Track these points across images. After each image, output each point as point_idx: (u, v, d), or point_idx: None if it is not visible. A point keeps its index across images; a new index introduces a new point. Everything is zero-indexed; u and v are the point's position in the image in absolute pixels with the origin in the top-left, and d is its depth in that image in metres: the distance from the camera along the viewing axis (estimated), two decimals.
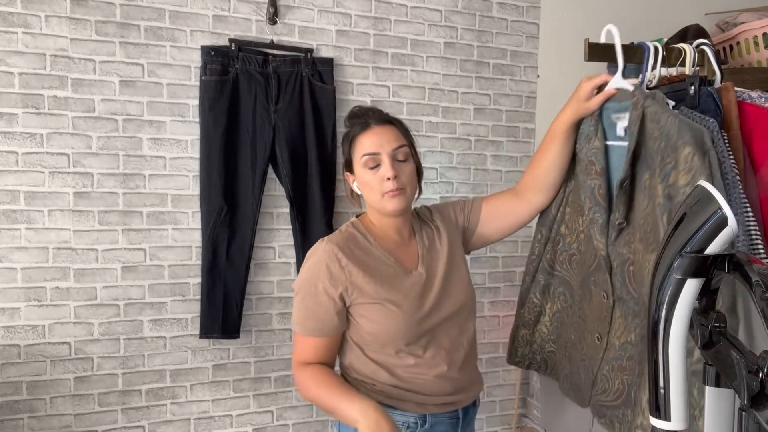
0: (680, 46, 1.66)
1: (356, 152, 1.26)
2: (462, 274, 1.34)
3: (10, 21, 1.71)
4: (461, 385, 1.31)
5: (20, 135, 1.74)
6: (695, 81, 1.55)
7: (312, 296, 1.22)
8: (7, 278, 1.75)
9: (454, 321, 1.29)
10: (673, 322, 0.71)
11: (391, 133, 1.26)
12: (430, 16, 2.14)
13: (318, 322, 1.22)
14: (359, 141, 1.26)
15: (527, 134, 2.30)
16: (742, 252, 0.69)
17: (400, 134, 1.28)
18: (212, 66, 1.85)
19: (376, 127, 1.25)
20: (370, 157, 1.23)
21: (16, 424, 1.77)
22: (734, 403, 0.73)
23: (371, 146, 1.23)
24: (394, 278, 1.24)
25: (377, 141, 1.24)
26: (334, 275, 1.20)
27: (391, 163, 1.23)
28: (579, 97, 1.34)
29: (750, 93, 1.55)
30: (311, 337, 1.24)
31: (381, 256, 1.26)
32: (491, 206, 1.42)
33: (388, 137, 1.24)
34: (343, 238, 1.27)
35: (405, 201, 1.26)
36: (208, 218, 1.87)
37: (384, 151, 1.23)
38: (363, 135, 1.25)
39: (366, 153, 1.24)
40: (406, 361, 1.24)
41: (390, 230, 1.30)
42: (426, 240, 1.34)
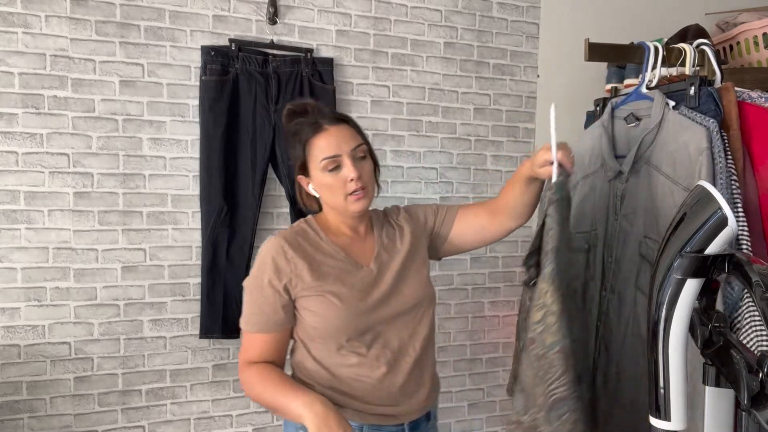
0: (680, 46, 1.66)
1: (313, 156, 1.22)
2: (420, 274, 1.31)
3: (10, 21, 1.71)
4: (408, 391, 1.25)
5: (20, 135, 1.74)
6: (695, 81, 1.55)
7: (258, 290, 1.20)
8: (7, 278, 1.75)
9: (405, 321, 1.25)
10: (673, 322, 0.72)
11: (347, 132, 1.23)
12: (430, 16, 2.14)
13: (263, 316, 1.20)
14: (315, 144, 1.22)
15: (527, 134, 2.30)
16: (742, 252, 0.68)
17: (355, 132, 1.25)
18: (212, 66, 1.85)
19: (331, 128, 1.22)
20: (330, 160, 1.20)
21: (16, 424, 1.77)
22: (734, 403, 0.73)
23: (330, 149, 1.20)
24: (341, 272, 1.22)
25: (335, 142, 1.20)
26: (279, 268, 1.19)
27: (353, 164, 1.20)
28: (534, 161, 1.25)
29: (750, 93, 1.55)
30: (257, 334, 1.21)
31: (331, 250, 1.24)
32: (466, 218, 1.40)
33: (345, 137, 1.21)
34: (293, 233, 1.26)
35: (368, 201, 1.24)
36: (208, 218, 1.87)
37: (343, 152, 1.20)
38: (318, 138, 1.21)
39: (326, 156, 1.20)
40: (349, 359, 1.20)
41: (344, 227, 1.29)
42: (385, 238, 1.32)
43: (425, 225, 1.38)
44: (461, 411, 2.29)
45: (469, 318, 2.27)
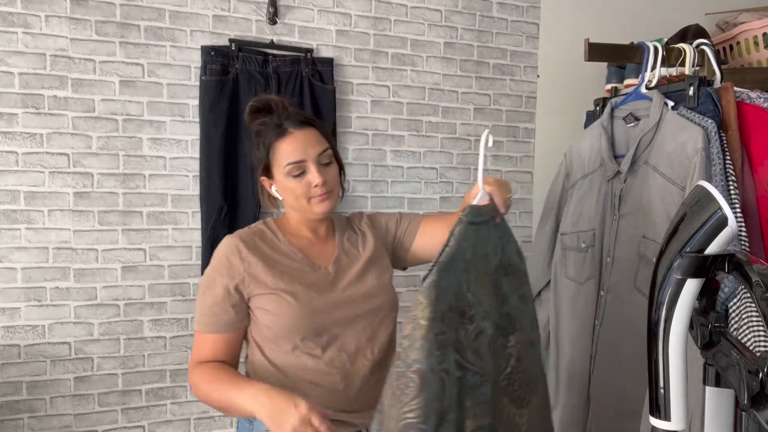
0: (680, 46, 1.66)
1: (277, 160, 1.20)
2: (381, 280, 1.28)
3: (10, 21, 1.71)
4: (366, 398, 1.19)
5: (20, 135, 1.74)
6: (695, 81, 1.55)
7: (209, 290, 1.18)
8: (7, 278, 1.75)
9: (364, 325, 1.22)
10: (673, 322, 0.72)
11: (313, 136, 1.21)
12: (430, 16, 2.14)
13: (213, 316, 1.18)
14: (279, 148, 1.20)
15: (527, 134, 2.30)
16: (742, 252, 0.69)
17: (321, 137, 1.23)
18: (212, 66, 1.85)
19: (296, 132, 1.20)
20: (294, 166, 1.18)
21: (16, 424, 1.77)
22: (734, 403, 0.73)
23: (295, 154, 1.18)
24: (297, 272, 1.21)
25: (300, 148, 1.19)
26: (232, 266, 1.17)
27: (318, 169, 1.19)
28: (466, 202, 1.15)
29: (749, 93, 1.55)
30: (208, 334, 1.18)
31: (288, 251, 1.23)
32: (427, 231, 1.36)
33: (310, 142, 1.20)
34: (249, 232, 1.25)
35: (332, 203, 1.23)
36: (208, 218, 1.87)
37: (308, 157, 1.19)
38: (282, 142, 1.20)
39: (290, 162, 1.18)
40: (303, 361, 1.17)
41: (304, 229, 1.28)
42: (346, 242, 1.30)
43: (387, 233, 1.37)
44: None
45: None
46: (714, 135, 1.46)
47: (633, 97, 1.69)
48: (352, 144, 2.07)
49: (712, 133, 1.46)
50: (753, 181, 1.52)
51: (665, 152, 1.52)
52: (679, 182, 1.47)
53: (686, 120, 1.51)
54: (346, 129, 2.06)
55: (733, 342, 0.70)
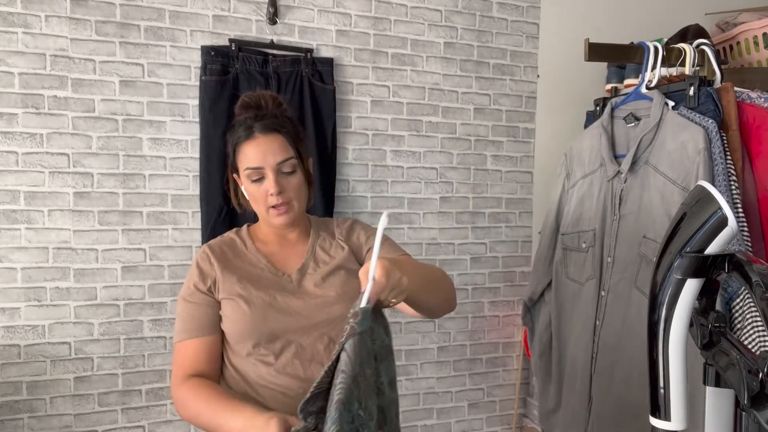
0: (680, 46, 1.66)
1: (240, 161, 1.20)
2: (345, 288, 1.22)
3: (10, 21, 1.71)
4: None
5: (20, 135, 1.74)
6: (695, 81, 1.55)
7: (189, 296, 1.19)
8: (7, 278, 1.75)
9: (322, 332, 1.18)
10: (673, 322, 0.72)
11: (277, 144, 1.18)
12: (430, 16, 2.14)
13: (194, 320, 1.17)
14: (242, 150, 1.19)
15: (527, 134, 2.30)
16: (742, 252, 0.68)
17: (287, 144, 1.19)
18: (212, 66, 1.85)
19: (261, 137, 1.17)
20: (253, 171, 1.17)
21: (16, 424, 1.77)
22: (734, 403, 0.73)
23: (254, 160, 1.17)
24: (257, 278, 1.20)
25: (260, 154, 1.16)
26: (204, 272, 1.19)
27: (275, 178, 1.16)
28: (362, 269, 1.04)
29: (750, 93, 1.55)
30: (190, 341, 1.17)
31: (253, 259, 1.23)
32: None
33: (272, 149, 1.17)
34: (219, 242, 1.26)
35: (291, 216, 1.20)
36: (208, 218, 1.87)
37: (267, 164, 1.16)
38: (246, 144, 1.18)
39: (249, 167, 1.17)
40: (258, 367, 1.15)
41: (272, 234, 1.27)
42: (318, 248, 1.27)
43: (359, 245, 1.31)
44: (461, 411, 2.29)
45: (469, 318, 2.27)
46: (715, 135, 1.46)
47: (633, 97, 1.69)
48: (352, 144, 2.07)
49: (713, 133, 1.46)
50: (753, 181, 1.51)
51: (666, 152, 1.52)
52: (680, 182, 1.47)
53: (687, 120, 1.51)
54: (346, 129, 2.06)
55: (733, 342, 0.70)
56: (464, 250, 2.24)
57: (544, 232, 1.94)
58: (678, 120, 1.53)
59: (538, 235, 2.08)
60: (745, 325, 1.34)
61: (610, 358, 1.63)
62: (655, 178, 1.53)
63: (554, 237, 1.91)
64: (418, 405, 2.22)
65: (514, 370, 2.34)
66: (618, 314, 1.61)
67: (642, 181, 1.57)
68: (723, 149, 1.46)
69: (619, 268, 1.62)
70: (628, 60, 1.79)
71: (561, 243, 1.86)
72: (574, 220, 1.79)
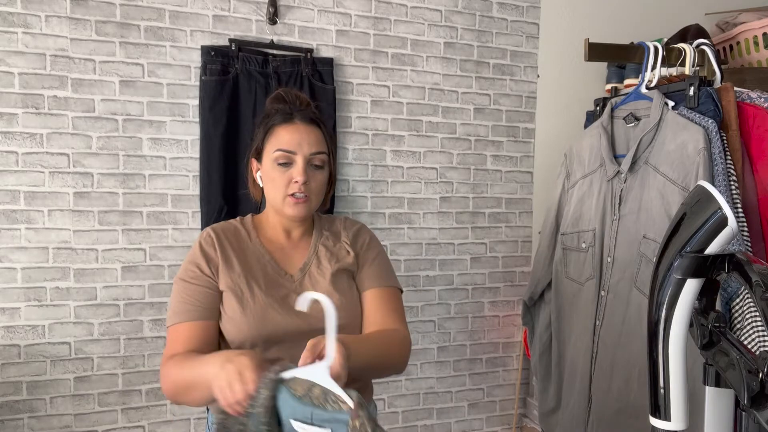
0: (680, 46, 1.66)
1: (271, 143, 1.17)
2: (349, 295, 1.19)
3: (10, 21, 1.71)
4: None
5: (20, 135, 1.74)
6: (694, 81, 1.55)
7: (191, 278, 1.13)
8: (7, 278, 1.75)
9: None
10: (673, 322, 0.71)
11: (315, 135, 1.17)
12: (430, 16, 2.14)
13: (194, 302, 1.12)
14: (278, 132, 1.17)
15: (527, 134, 2.30)
16: (742, 252, 0.68)
17: (323, 139, 1.19)
18: (212, 66, 1.85)
19: (300, 125, 1.17)
20: (283, 154, 1.14)
21: (16, 424, 1.77)
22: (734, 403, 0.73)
23: (289, 143, 1.15)
24: (259, 275, 1.15)
25: (296, 140, 1.15)
26: (208, 255, 1.15)
27: (305, 168, 1.14)
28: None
29: (750, 93, 1.55)
30: (184, 324, 1.11)
31: (257, 251, 1.19)
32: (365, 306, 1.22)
33: (309, 139, 1.16)
34: (223, 227, 1.21)
35: (307, 210, 1.17)
36: (208, 218, 1.87)
37: (301, 152, 1.15)
38: (283, 127, 1.16)
39: (281, 148, 1.15)
40: None
41: (279, 228, 1.22)
42: (321, 248, 1.22)
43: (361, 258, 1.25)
44: (461, 411, 2.29)
45: (469, 318, 2.27)
46: (715, 135, 1.46)
47: (633, 97, 1.69)
48: (352, 144, 2.07)
49: (713, 133, 1.46)
50: (753, 181, 1.52)
51: (666, 152, 1.52)
52: (680, 182, 1.47)
53: (687, 120, 1.51)
54: (346, 129, 2.06)
55: (733, 342, 0.70)
56: (464, 250, 2.24)
57: (544, 232, 1.94)
58: (678, 120, 1.53)
59: (538, 235, 2.08)
60: (744, 325, 1.34)
61: (609, 358, 1.63)
62: (655, 178, 1.53)
63: (554, 237, 1.91)
64: (418, 405, 2.22)
65: (514, 370, 2.34)
66: (618, 314, 1.61)
67: (642, 181, 1.57)
68: (723, 149, 1.46)
69: (619, 267, 1.62)
70: (628, 60, 1.80)
71: (561, 243, 1.86)
72: (574, 220, 1.79)
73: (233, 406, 0.89)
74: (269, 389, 0.87)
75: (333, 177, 1.24)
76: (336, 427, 0.85)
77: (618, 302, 1.61)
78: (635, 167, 1.60)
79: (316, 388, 0.86)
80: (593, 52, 1.71)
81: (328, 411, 0.86)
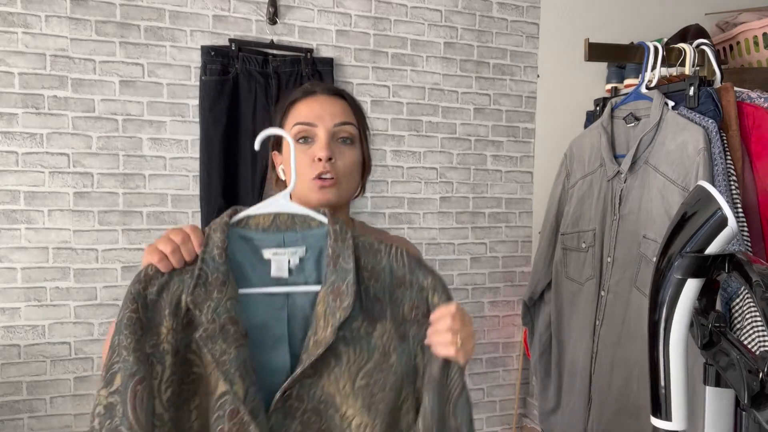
0: (680, 46, 1.66)
1: (288, 121, 1.01)
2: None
3: (10, 21, 1.71)
4: None
5: (20, 135, 1.74)
6: (695, 81, 1.55)
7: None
8: (7, 278, 1.75)
9: None
10: (674, 321, 0.72)
11: (338, 106, 1.01)
12: (430, 16, 2.14)
13: None
14: (296, 107, 1.01)
15: (527, 134, 2.30)
16: (742, 252, 0.69)
17: (349, 110, 1.03)
18: (212, 66, 1.85)
19: (321, 96, 1.01)
20: (302, 128, 0.97)
21: (16, 424, 1.77)
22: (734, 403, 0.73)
23: (308, 115, 0.98)
24: None
25: (316, 111, 0.98)
26: None
27: (328, 141, 0.96)
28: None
29: (750, 93, 1.55)
30: None
31: None
32: None
33: (332, 110, 0.99)
34: None
35: (336, 195, 0.97)
36: (208, 218, 1.86)
37: (323, 124, 0.97)
38: (302, 102, 1.01)
39: (299, 122, 0.98)
40: None
41: None
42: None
43: None
44: None
45: None
46: (715, 135, 1.46)
47: (633, 97, 1.69)
48: None
49: (713, 133, 1.46)
50: (753, 181, 1.52)
51: (666, 152, 1.52)
52: (680, 182, 1.47)
53: (687, 120, 1.51)
54: None
55: (733, 342, 0.70)
56: (464, 250, 2.24)
57: (544, 232, 1.95)
58: (678, 120, 1.53)
59: (538, 235, 2.08)
60: (744, 325, 1.34)
61: (609, 358, 1.63)
62: (655, 178, 1.54)
63: (554, 237, 1.91)
64: None
65: (514, 370, 2.34)
66: (618, 314, 1.61)
67: (642, 181, 1.57)
68: (723, 149, 1.46)
69: (619, 268, 1.62)
70: (628, 60, 1.80)
71: (561, 243, 1.86)
72: (574, 220, 1.79)
73: (172, 254, 0.75)
74: (222, 232, 0.78)
75: (367, 159, 1.06)
76: (312, 241, 0.82)
77: (618, 302, 1.62)
78: (635, 167, 1.60)
79: (281, 216, 0.82)
80: (593, 52, 1.71)
81: (299, 231, 0.82)
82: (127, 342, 0.72)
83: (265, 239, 0.81)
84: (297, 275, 0.80)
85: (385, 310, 0.80)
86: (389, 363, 0.79)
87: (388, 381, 0.78)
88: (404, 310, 0.82)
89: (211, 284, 0.75)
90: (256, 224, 0.81)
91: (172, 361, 0.74)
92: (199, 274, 0.76)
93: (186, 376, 0.76)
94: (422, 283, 0.82)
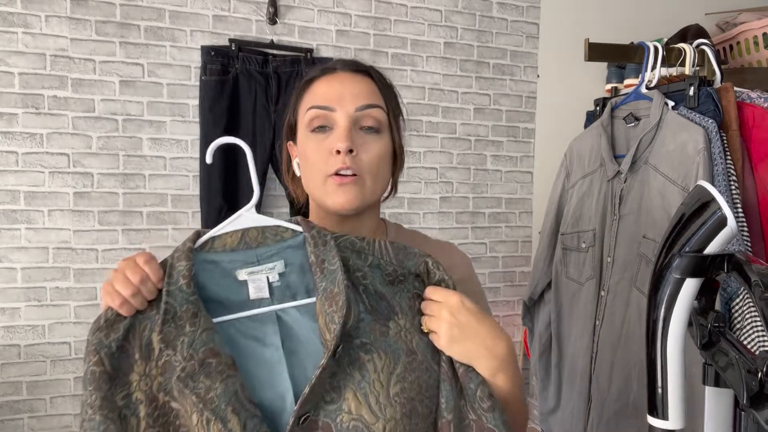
0: (680, 46, 1.66)
1: (303, 104, 0.83)
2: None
3: (10, 21, 1.71)
4: None
5: (20, 135, 1.74)
6: (695, 81, 1.55)
7: None
8: (7, 278, 1.75)
9: None
10: (672, 321, 0.72)
11: (363, 86, 0.82)
12: (430, 16, 2.14)
13: None
14: (312, 88, 0.83)
15: (527, 134, 2.30)
16: (742, 252, 0.69)
17: (376, 90, 0.83)
18: (212, 66, 1.85)
19: (342, 74, 0.82)
20: (318, 112, 0.79)
21: (16, 424, 1.77)
22: (734, 403, 0.73)
23: (325, 96, 0.80)
24: None
25: (336, 91, 0.80)
26: None
27: (349, 130, 0.78)
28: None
29: (750, 93, 1.55)
30: None
31: None
32: None
33: (353, 90, 0.80)
34: None
35: (359, 195, 0.80)
36: (208, 218, 1.87)
37: (343, 108, 0.79)
38: (320, 80, 0.83)
39: (314, 105, 0.80)
40: None
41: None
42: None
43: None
44: None
45: None
46: (715, 135, 1.46)
47: (633, 97, 1.69)
48: None
49: (713, 133, 1.46)
50: (753, 181, 1.52)
51: (666, 152, 1.52)
52: (680, 182, 1.47)
53: (687, 120, 1.51)
54: None
55: (732, 342, 0.70)
56: (464, 251, 2.24)
57: (544, 232, 1.94)
58: (678, 120, 1.53)
59: (538, 235, 2.08)
60: (744, 325, 1.34)
61: (609, 358, 1.63)
62: (654, 178, 1.53)
63: (554, 237, 1.91)
64: None
65: None
66: (618, 314, 1.61)
67: (642, 181, 1.57)
68: (723, 149, 1.46)
69: (619, 268, 1.62)
70: (628, 60, 1.79)
71: (561, 243, 1.86)
72: (574, 220, 1.79)
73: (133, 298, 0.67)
74: (187, 259, 0.70)
75: (399, 151, 0.87)
76: (288, 254, 0.75)
77: (618, 302, 1.61)
78: (635, 167, 1.59)
79: (249, 232, 0.75)
80: (593, 52, 1.71)
81: (273, 245, 0.75)
82: (92, 399, 0.65)
83: (235, 260, 0.73)
84: (282, 291, 0.73)
85: (393, 306, 0.74)
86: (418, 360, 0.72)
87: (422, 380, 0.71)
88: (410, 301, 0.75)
89: (180, 318, 0.67)
90: (222, 245, 0.73)
91: (147, 411, 0.66)
92: (166, 309, 0.67)
93: (168, 426, 0.67)
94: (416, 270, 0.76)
